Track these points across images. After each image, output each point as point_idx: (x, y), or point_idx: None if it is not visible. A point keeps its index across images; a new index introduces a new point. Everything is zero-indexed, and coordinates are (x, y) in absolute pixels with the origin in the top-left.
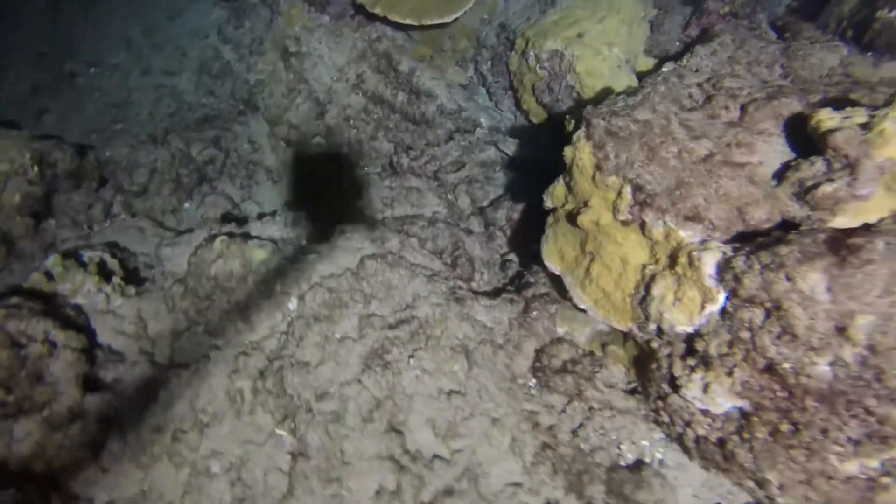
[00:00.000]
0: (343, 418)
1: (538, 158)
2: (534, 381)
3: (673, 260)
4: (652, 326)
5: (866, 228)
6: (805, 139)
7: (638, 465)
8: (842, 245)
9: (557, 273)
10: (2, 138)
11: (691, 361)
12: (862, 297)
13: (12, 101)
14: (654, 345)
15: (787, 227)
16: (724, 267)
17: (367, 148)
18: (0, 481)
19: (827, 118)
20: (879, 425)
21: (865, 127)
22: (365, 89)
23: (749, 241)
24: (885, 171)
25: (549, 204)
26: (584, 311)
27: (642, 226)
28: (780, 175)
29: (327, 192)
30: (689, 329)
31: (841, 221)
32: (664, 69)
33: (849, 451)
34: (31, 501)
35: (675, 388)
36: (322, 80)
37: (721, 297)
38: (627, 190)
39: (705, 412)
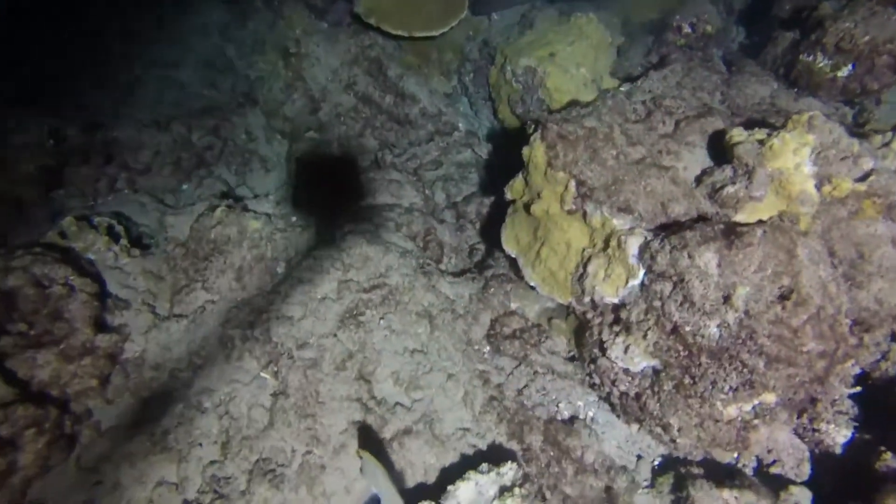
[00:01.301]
0: (320, 365)
1: (509, 162)
2: (488, 347)
3: (606, 243)
4: (587, 299)
5: (759, 223)
6: (722, 150)
7: (572, 420)
8: (732, 231)
9: (513, 256)
10: (21, 113)
11: (616, 328)
12: (742, 273)
13: (30, 82)
14: (589, 315)
15: (701, 221)
16: (644, 248)
17: (354, 143)
18: (23, 398)
19: (737, 134)
20: (750, 375)
21: (762, 143)
22: (356, 90)
23: (669, 230)
24: (774, 178)
25: (509, 196)
26: (533, 288)
27: (584, 215)
28: (699, 178)
29: (317, 178)
30: (616, 300)
31: (741, 218)
32: (622, 88)
33: (730, 398)
34: (47, 419)
35: (603, 351)
36: (317, 79)
37: (640, 273)
38: (572, 184)
39: (626, 371)
